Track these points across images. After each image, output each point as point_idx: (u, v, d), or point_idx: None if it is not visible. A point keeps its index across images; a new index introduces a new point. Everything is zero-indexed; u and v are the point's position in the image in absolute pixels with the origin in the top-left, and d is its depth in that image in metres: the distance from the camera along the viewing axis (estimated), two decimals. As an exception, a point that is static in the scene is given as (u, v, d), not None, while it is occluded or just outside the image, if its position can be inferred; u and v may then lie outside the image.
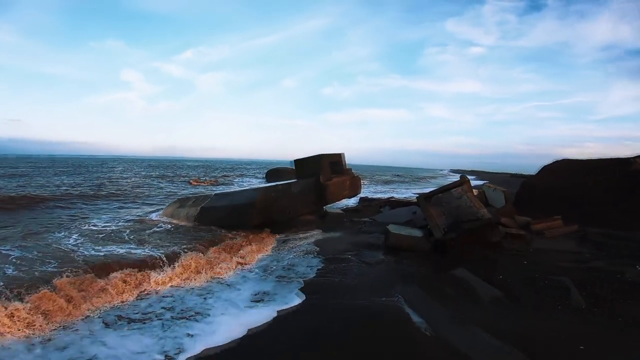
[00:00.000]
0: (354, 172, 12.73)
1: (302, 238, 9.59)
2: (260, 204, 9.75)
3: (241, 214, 9.72)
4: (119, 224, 10.13)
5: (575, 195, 10.76)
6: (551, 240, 8.36)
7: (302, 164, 11.75)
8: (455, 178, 36.73)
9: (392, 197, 17.44)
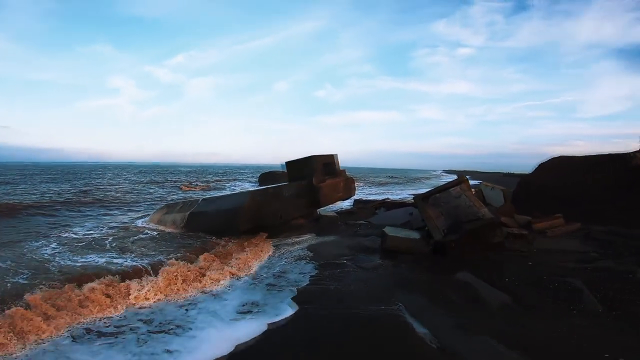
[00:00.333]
0: (348, 174, 12.39)
1: (295, 243, 9.15)
2: (251, 208, 9.28)
3: (230, 219, 9.23)
4: (102, 232, 9.60)
5: (573, 192, 10.49)
6: (554, 240, 8.05)
7: (294, 166, 11.35)
8: (448, 178, 36.67)
9: (387, 199, 17.07)
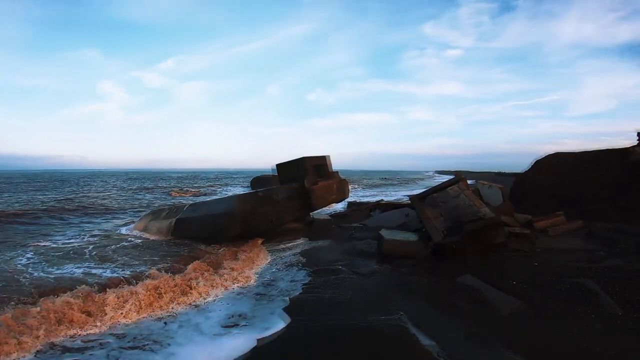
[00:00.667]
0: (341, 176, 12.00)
1: (287, 248, 8.70)
2: (240, 213, 8.80)
3: (219, 224, 8.76)
4: (83, 240, 9.09)
5: (571, 190, 10.24)
6: (556, 239, 7.74)
7: (285, 169, 10.91)
8: (442, 179, 36.46)
9: (382, 200, 16.72)
